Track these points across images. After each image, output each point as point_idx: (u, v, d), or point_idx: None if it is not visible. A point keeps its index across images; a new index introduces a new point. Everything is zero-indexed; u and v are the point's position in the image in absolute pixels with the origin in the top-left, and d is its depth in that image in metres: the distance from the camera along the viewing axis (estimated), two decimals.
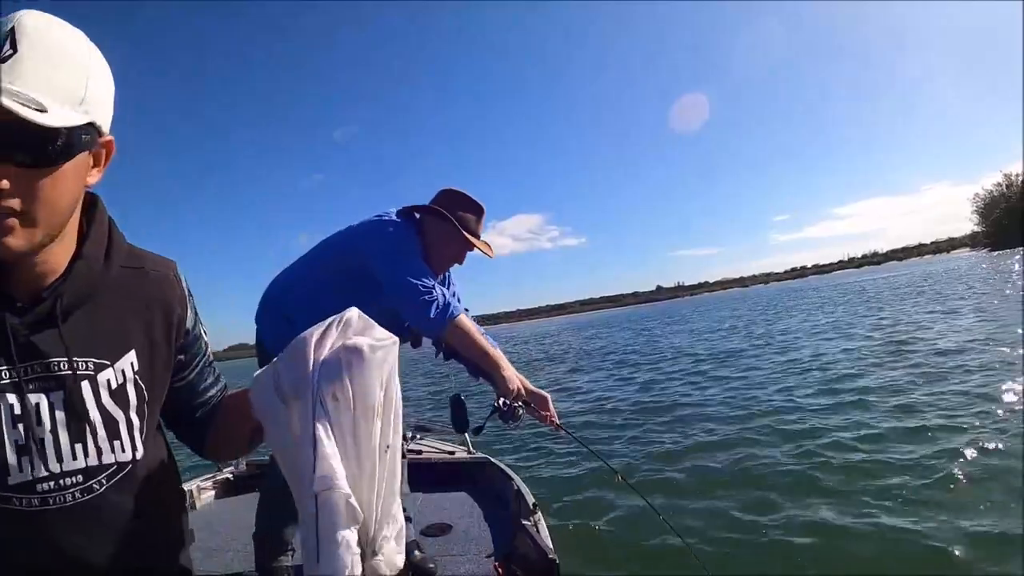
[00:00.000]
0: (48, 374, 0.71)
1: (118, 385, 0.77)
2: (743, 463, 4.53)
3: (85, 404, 0.74)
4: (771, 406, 6.41)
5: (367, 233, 2.09)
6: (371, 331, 0.75)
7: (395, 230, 2.07)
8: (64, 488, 0.72)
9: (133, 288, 0.82)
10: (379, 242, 2.04)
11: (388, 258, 2.01)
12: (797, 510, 3.51)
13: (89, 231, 0.77)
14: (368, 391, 0.71)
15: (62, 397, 0.72)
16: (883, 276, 54.69)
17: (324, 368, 0.71)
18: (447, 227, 2.13)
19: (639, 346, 17.84)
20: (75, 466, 0.73)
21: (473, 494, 3.04)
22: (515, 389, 2.05)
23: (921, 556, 2.83)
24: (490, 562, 2.24)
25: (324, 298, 2.03)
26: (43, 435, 0.70)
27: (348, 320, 0.75)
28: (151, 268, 0.86)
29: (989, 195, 78.09)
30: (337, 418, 0.69)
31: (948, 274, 34.17)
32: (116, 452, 0.76)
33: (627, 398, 8.33)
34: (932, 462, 3.94)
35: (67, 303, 0.73)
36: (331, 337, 0.73)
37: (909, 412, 5.30)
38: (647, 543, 3.27)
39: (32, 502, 0.70)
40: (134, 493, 0.79)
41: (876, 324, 13.24)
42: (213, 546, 2.62)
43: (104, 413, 0.75)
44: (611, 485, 4.26)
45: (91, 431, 0.74)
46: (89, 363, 0.75)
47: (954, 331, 9.98)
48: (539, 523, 2.31)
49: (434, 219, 2.15)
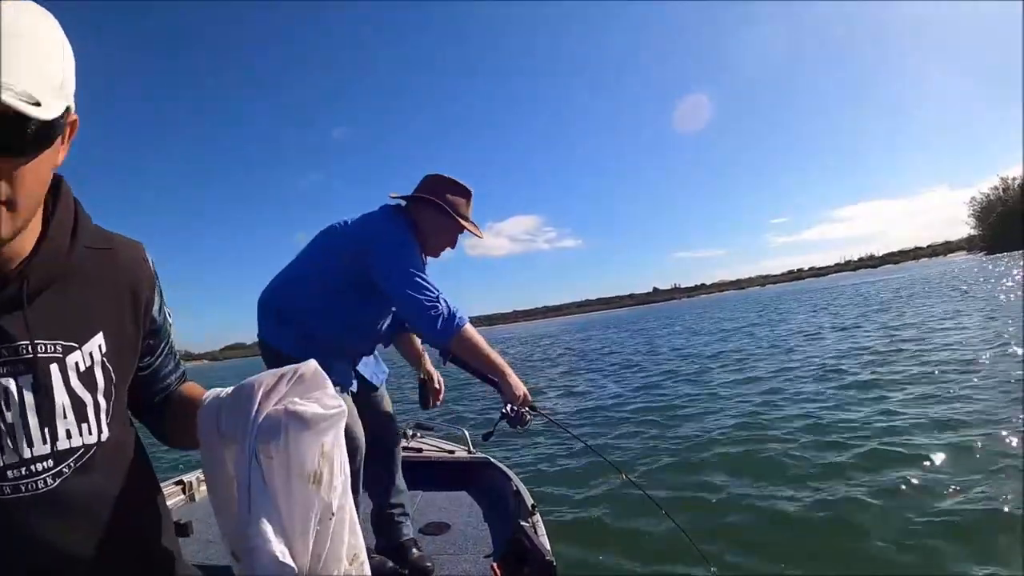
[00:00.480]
0: (16, 357, 0.70)
1: (86, 368, 0.76)
2: (747, 461, 4.55)
3: (53, 387, 0.72)
4: (788, 400, 6.51)
5: (367, 240, 2.10)
6: (322, 392, 0.75)
7: (393, 236, 2.09)
8: (34, 474, 0.71)
9: (101, 269, 0.81)
10: (381, 254, 2.05)
11: (391, 271, 2.03)
12: (806, 506, 3.53)
13: (54, 212, 0.76)
14: (305, 459, 0.70)
15: (30, 380, 0.70)
16: (881, 279, 54.78)
17: (265, 423, 0.70)
18: (438, 214, 2.16)
19: (639, 347, 17.88)
20: (44, 450, 0.71)
21: (472, 493, 3.04)
22: (521, 395, 2.09)
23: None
24: (488, 562, 2.23)
25: (337, 307, 2.10)
26: (13, 419, 0.69)
27: (302, 375, 0.74)
28: (120, 249, 0.85)
29: (986, 199, 78.50)
30: (271, 476, 0.69)
31: (946, 276, 34.26)
32: (84, 435, 0.75)
33: (629, 398, 8.33)
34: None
35: (33, 285, 0.72)
36: (280, 391, 0.73)
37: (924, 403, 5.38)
38: (646, 545, 3.26)
39: (3, 490, 0.68)
40: (103, 476, 0.78)
41: (883, 324, 13.34)
42: (211, 537, 2.61)
43: (72, 396, 0.74)
44: (609, 486, 4.27)
45: (60, 414, 0.73)
46: (57, 345, 0.74)
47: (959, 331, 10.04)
48: (537, 524, 2.31)
49: (425, 207, 2.18)
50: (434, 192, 2.18)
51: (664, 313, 52.41)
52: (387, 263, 2.03)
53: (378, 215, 2.20)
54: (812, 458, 4.39)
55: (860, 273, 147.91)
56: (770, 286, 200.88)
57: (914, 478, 3.70)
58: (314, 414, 0.70)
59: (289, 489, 0.69)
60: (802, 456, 4.47)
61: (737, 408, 6.56)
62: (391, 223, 2.14)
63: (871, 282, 48.70)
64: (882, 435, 4.68)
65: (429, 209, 2.17)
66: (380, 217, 2.19)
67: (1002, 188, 76.37)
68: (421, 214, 2.20)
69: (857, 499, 3.51)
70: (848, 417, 5.41)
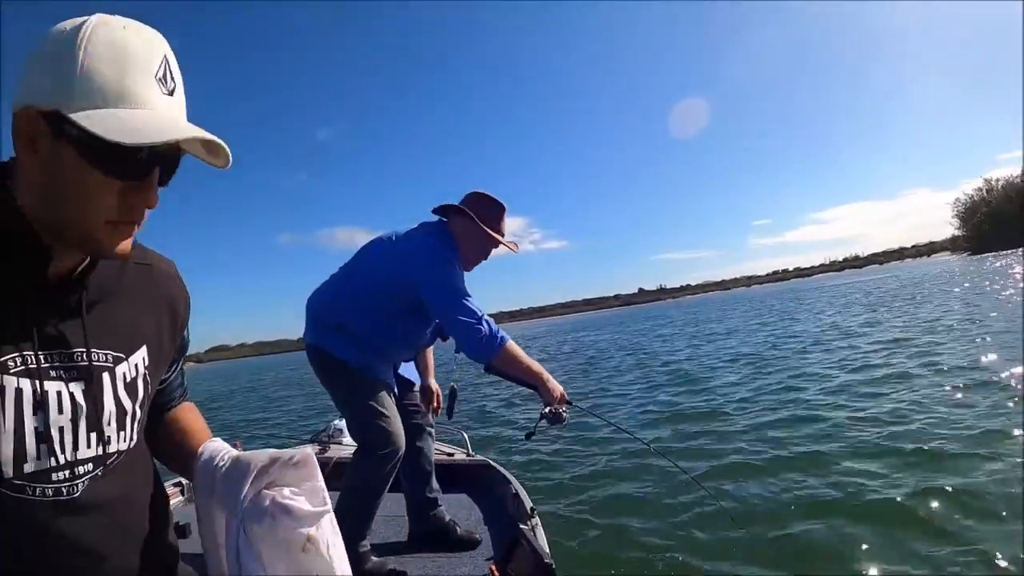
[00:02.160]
0: (71, 364, 0.72)
1: (131, 379, 0.80)
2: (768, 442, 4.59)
3: (104, 395, 0.75)
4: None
5: (416, 266, 2.26)
6: (312, 485, 0.80)
7: (437, 254, 2.27)
8: (76, 477, 0.72)
9: (144, 285, 0.85)
10: (430, 281, 2.23)
11: (442, 298, 2.23)
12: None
13: None
14: (288, 546, 0.76)
15: (82, 387, 0.73)
16: (869, 279, 55.01)
17: (252, 505, 0.77)
18: (477, 230, 2.33)
19: (630, 346, 17.86)
20: (88, 454, 0.73)
21: (472, 496, 3.04)
22: (559, 395, 2.26)
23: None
24: (487, 565, 2.24)
25: (390, 323, 2.31)
26: (63, 423, 0.71)
27: (297, 462, 0.79)
28: (157, 265, 0.89)
29: (970, 200, 79.34)
30: (258, 550, 0.75)
31: (935, 277, 34.43)
32: (120, 442, 0.78)
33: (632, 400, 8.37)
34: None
35: (91, 296, 0.75)
36: (272, 474, 0.78)
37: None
38: (643, 549, 3.28)
39: (46, 492, 0.69)
40: (124, 479, 0.80)
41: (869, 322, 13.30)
42: None
43: (118, 404, 0.77)
44: (608, 487, 4.30)
45: (106, 421, 0.76)
46: (108, 355, 0.77)
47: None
48: (536, 527, 2.32)
49: (464, 221, 2.35)
50: (473, 208, 2.35)
51: (662, 313, 52.16)
52: (437, 290, 2.23)
53: (422, 234, 2.38)
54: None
55: (846, 273, 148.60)
56: (756, 286, 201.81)
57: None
58: (299, 510, 0.76)
59: (273, 562, 0.75)
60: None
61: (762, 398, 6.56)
62: (433, 238, 2.33)
63: (869, 280, 48.53)
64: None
65: (468, 223, 2.34)
66: (425, 236, 2.36)
67: (986, 189, 77.32)
68: (459, 227, 2.37)
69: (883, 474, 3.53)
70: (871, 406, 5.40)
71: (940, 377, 6.59)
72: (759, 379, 8.31)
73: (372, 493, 2.22)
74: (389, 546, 2.49)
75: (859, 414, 5.51)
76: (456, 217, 2.38)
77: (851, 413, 5.59)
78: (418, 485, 2.53)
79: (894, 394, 6.13)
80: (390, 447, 2.19)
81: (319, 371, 2.34)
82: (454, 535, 2.48)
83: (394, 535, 2.61)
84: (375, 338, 2.28)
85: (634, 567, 3.11)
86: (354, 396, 2.28)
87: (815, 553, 3.03)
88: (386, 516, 2.72)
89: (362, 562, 2.20)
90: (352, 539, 2.22)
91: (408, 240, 2.36)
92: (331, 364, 2.28)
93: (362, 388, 2.26)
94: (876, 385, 6.69)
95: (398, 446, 2.21)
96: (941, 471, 3.78)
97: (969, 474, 3.67)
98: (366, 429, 2.25)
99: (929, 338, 9.75)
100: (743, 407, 6.58)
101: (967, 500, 3.32)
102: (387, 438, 2.20)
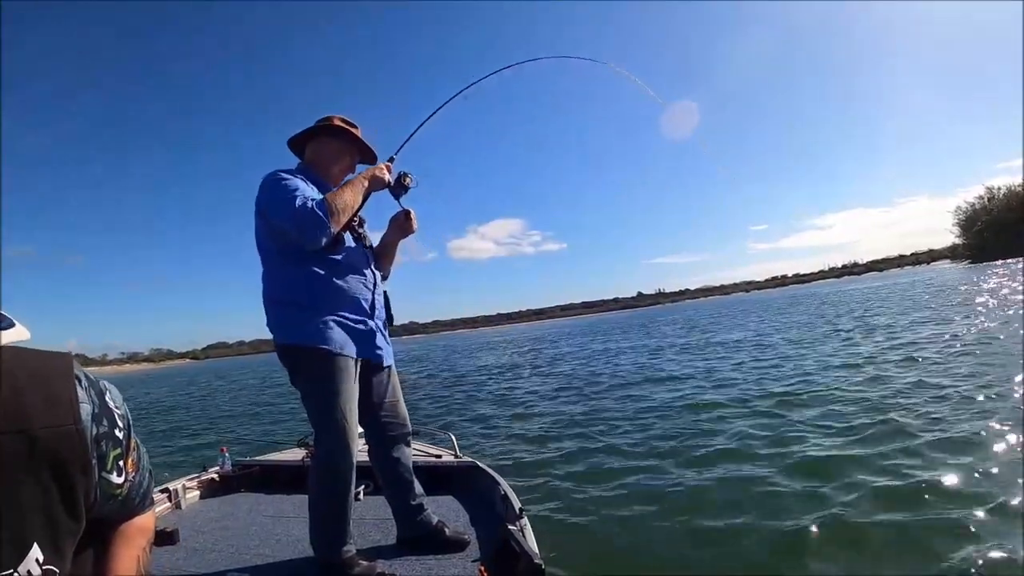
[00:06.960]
0: None
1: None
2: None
3: None
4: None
5: (258, 200, 2.19)
6: None
7: (268, 178, 2.19)
8: None
9: (19, 464, 0.62)
10: (262, 198, 2.17)
11: (266, 197, 2.15)
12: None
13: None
14: None
15: None
16: (869, 286, 54.78)
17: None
18: (319, 137, 2.35)
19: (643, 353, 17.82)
20: None
21: (460, 498, 3.03)
22: (383, 177, 2.31)
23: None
24: (476, 566, 2.23)
25: (275, 272, 2.22)
26: None
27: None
28: (40, 426, 0.64)
29: (971, 208, 78.79)
30: None
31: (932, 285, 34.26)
32: None
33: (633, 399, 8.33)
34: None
35: None
36: None
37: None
38: (634, 548, 3.28)
39: None
40: None
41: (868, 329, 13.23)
42: (197, 546, 2.59)
43: None
44: (600, 488, 4.29)
45: None
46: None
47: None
48: (525, 528, 2.30)
49: (311, 144, 2.36)
50: (314, 127, 2.34)
51: (668, 316, 51.93)
52: (262, 194, 2.16)
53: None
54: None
55: (844, 280, 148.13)
56: (754, 292, 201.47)
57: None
58: None
59: None
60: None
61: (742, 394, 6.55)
62: (266, 175, 2.22)
63: (874, 287, 48.50)
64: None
65: (312, 140, 2.34)
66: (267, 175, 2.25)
67: (987, 197, 76.76)
68: (308, 153, 2.37)
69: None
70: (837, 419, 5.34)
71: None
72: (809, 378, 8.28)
73: (331, 494, 2.16)
74: (377, 549, 2.47)
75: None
76: (307, 145, 2.37)
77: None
78: (400, 494, 2.47)
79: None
80: (336, 444, 2.12)
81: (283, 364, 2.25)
82: (443, 536, 2.43)
83: (382, 538, 2.59)
84: (296, 294, 2.17)
85: (624, 567, 3.11)
86: (296, 376, 2.21)
87: (807, 548, 3.02)
88: (374, 519, 2.71)
89: (349, 567, 2.17)
90: (333, 544, 2.20)
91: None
92: (280, 352, 2.22)
93: (304, 365, 2.16)
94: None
95: (345, 442, 2.12)
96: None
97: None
98: (314, 422, 2.17)
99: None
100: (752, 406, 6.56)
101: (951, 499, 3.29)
102: (333, 431, 2.11)
